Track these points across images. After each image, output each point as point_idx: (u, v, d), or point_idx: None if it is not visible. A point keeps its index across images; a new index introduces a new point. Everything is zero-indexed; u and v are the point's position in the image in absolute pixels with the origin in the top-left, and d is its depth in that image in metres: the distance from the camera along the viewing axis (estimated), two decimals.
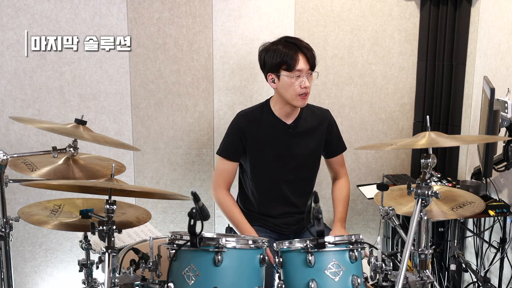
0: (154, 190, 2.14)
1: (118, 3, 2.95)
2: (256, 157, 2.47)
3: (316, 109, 2.57)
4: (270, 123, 2.46)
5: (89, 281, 2.27)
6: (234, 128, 2.48)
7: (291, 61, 2.32)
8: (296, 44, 2.36)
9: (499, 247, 2.78)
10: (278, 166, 2.48)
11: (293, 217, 2.54)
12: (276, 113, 2.46)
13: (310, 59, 2.35)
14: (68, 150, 2.16)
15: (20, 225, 2.83)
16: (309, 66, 2.35)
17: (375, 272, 1.82)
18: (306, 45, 2.37)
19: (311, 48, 2.38)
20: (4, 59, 2.88)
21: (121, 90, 3.05)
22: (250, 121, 2.47)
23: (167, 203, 3.20)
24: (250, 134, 2.45)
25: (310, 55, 2.36)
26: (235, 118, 2.51)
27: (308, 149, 2.50)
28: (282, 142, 2.47)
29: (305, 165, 2.52)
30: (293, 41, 2.38)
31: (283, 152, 2.47)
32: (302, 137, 2.48)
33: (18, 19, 2.85)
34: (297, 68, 2.32)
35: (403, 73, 3.33)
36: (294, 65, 2.32)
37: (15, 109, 2.93)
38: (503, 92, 2.70)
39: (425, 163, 1.85)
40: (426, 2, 3.19)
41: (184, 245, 1.76)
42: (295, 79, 2.33)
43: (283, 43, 2.37)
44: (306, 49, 2.35)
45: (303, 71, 2.33)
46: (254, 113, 2.50)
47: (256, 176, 2.50)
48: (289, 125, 2.46)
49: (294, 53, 2.33)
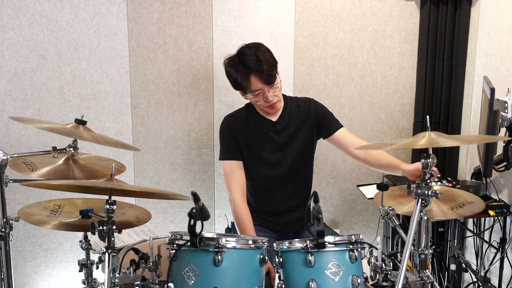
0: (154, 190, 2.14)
1: (118, 3, 2.95)
2: (249, 156, 2.49)
3: (300, 100, 2.57)
4: (257, 123, 2.49)
5: (89, 281, 2.27)
6: (225, 131, 2.51)
7: (244, 84, 2.32)
8: (247, 66, 2.30)
9: (499, 247, 2.78)
10: (273, 163, 2.49)
11: (293, 215, 2.54)
12: (261, 113, 2.50)
13: (264, 78, 2.29)
14: (68, 150, 2.16)
15: (20, 225, 2.83)
16: (265, 84, 2.31)
17: (375, 272, 1.82)
18: (259, 65, 2.28)
19: (267, 63, 2.30)
20: (4, 59, 2.88)
21: (121, 90, 3.05)
22: (238, 122, 2.50)
23: (167, 203, 3.20)
24: (241, 135, 2.48)
25: (264, 74, 2.29)
26: (223, 121, 2.54)
27: (299, 141, 2.51)
28: (273, 139, 2.49)
29: (299, 159, 2.53)
30: (246, 60, 2.31)
31: (275, 148, 2.49)
32: (291, 131, 2.50)
33: (18, 19, 2.85)
34: (253, 89, 2.33)
35: (403, 73, 3.33)
36: (249, 87, 2.33)
37: (15, 109, 2.93)
38: (503, 92, 2.70)
39: (425, 163, 1.85)
40: (426, 2, 3.19)
41: (184, 245, 1.76)
42: (256, 97, 2.36)
43: (235, 65, 2.33)
44: (258, 70, 2.28)
45: (261, 89, 2.33)
46: (241, 115, 2.53)
47: (252, 175, 2.51)
48: (275, 122, 2.49)
49: (245, 76, 2.30)
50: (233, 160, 2.47)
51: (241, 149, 2.47)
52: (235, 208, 2.43)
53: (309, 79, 3.22)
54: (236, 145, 2.47)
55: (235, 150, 2.47)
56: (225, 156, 2.49)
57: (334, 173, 3.37)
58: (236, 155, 2.47)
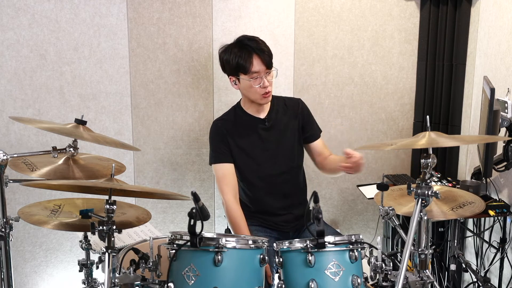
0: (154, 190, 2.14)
1: (118, 3, 2.95)
2: (241, 157, 2.50)
3: (287, 99, 2.64)
4: (246, 122, 2.52)
5: (89, 281, 2.28)
6: (214, 135, 2.53)
7: (246, 64, 2.37)
8: (250, 46, 2.39)
9: (499, 247, 2.78)
10: (266, 162, 2.51)
11: (291, 213, 2.55)
12: (249, 111, 2.53)
13: (265, 59, 2.39)
14: (68, 150, 2.16)
15: (20, 225, 2.82)
16: (265, 66, 2.39)
17: (375, 272, 1.82)
18: (261, 46, 2.40)
19: (266, 48, 2.42)
20: (4, 59, 2.88)
21: (121, 90, 3.05)
22: (227, 125, 2.53)
23: (167, 203, 3.20)
24: (230, 137, 2.49)
25: (265, 55, 2.39)
26: (212, 126, 2.57)
27: (290, 139, 2.54)
28: (263, 137, 2.51)
29: (290, 156, 2.55)
30: (248, 43, 2.40)
31: (267, 146, 2.51)
32: (280, 128, 2.53)
33: (18, 19, 2.85)
34: (253, 70, 2.37)
35: (403, 73, 3.33)
36: (249, 67, 2.37)
37: (15, 109, 2.93)
38: (503, 92, 2.70)
39: (425, 163, 1.85)
40: (426, 2, 3.19)
41: (184, 245, 1.76)
42: (253, 80, 2.38)
43: (239, 46, 2.41)
44: (260, 50, 2.39)
45: (260, 72, 2.38)
46: (229, 117, 2.57)
47: (246, 176, 2.52)
48: (264, 119, 2.52)
49: (248, 56, 2.37)
50: (224, 163, 2.48)
51: (232, 151, 2.49)
52: (228, 210, 2.45)
53: (309, 79, 3.22)
54: (227, 149, 2.49)
55: (225, 154, 2.49)
56: (216, 160, 2.50)
57: None
58: (227, 158, 2.49)
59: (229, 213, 2.44)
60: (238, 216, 2.43)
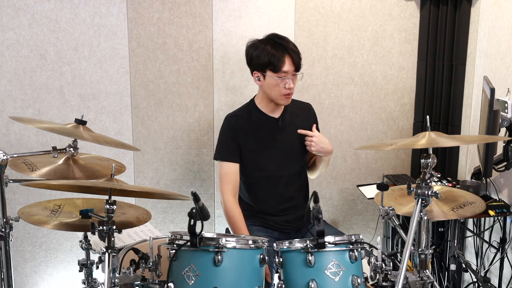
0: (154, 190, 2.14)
1: (118, 3, 2.95)
2: (249, 155, 2.49)
3: (299, 102, 2.65)
4: (259, 120, 2.51)
5: (89, 281, 2.27)
6: (226, 130, 2.52)
7: (277, 63, 2.36)
8: (283, 46, 2.39)
9: (499, 247, 2.78)
10: (273, 161, 2.51)
11: (293, 214, 2.55)
12: (263, 110, 2.52)
13: (296, 61, 2.39)
14: (68, 150, 2.16)
15: (20, 225, 2.82)
16: (294, 68, 2.40)
17: (375, 272, 1.82)
18: (293, 47, 2.41)
19: (298, 50, 2.43)
20: (4, 59, 2.88)
21: (121, 90, 3.05)
22: (240, 121, 2.51)
23: (167, 203, 3.20)
24: (242, 134, 2.48)
25: (296, 57, 2.40)
26: (224, 121, 2.55)
27: (298, 140, 2.54)
28: (274, 136, 2.51)
29: (296, 157, 2.55)
30: (281, 42, 2.40)
31: (277, 146, 2.51)
32: (291, 129, 2.53)
33: (18, 19, 2.85)
34: (283, 70, 2.37)
35: (403, 73, 3.33)
36: (281, 66, 2.36)
37: (15, 109, 2.93)
38: (503, 92, 2.70)
39: (425, 163, 1.85)
40: (426, 2, 3.19)
41: (184, 245, 1.76)
42: (280, 80, 2.38)
43: (272, 43, 2.40)
44: (293, 51, 2.39)
45: (288, 73, 2.38)
46: (242, 113, 2.55)
47: (251, 174, 2.51)
48: (277, 118, 2.52)
49: (281, 55, 2.37)
50: (231, 162, 2.47)
51: (241, 149, 2.47)
52: (226, 209, 2.44)
53: (309, 79, 3.22)
54: (235, 147, 2.47)
55: (232, 152, 2.48)
56: (222, 157, 2.49)
57: (334, 173, 3.37)
58: (233, 158, 2.48)
59: (227, 212, 2.44)
60: (237, 215, 2.42)
